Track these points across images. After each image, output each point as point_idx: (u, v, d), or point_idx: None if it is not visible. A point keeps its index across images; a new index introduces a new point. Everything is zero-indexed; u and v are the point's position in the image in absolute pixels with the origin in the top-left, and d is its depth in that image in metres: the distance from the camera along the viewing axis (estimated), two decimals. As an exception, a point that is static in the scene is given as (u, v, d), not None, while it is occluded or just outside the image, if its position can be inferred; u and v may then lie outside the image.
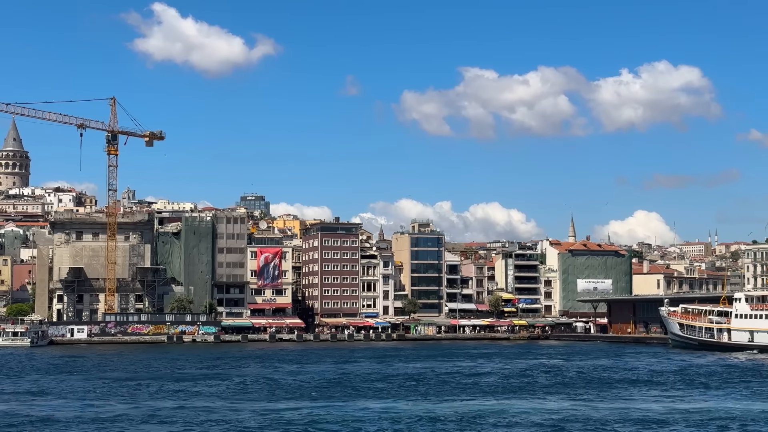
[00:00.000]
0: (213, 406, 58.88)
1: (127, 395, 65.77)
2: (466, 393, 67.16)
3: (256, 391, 69.08)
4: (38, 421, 52.42)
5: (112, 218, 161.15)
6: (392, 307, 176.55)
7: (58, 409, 57.40)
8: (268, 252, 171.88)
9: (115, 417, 53.98)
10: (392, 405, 58.98)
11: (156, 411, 56.25)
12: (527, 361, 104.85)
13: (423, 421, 51.64)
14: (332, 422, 51.53)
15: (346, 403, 59.95)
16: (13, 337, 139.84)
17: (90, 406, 59.50)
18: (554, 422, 51.22)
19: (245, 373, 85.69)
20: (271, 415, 54.14)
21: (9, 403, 60.76)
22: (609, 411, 56.11)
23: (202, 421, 52.01)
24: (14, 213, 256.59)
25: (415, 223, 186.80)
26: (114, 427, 50.30)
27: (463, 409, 56.53)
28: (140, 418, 53.49)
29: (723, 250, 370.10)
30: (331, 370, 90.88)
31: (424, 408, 57.29)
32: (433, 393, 67.18)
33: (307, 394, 65.97)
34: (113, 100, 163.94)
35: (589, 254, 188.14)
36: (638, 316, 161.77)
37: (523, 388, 71.04)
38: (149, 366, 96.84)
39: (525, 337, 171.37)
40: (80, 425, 50.87)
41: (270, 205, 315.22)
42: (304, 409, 57.02)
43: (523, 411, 55.90)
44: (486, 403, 60.30)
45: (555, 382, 76.84)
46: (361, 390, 69.49)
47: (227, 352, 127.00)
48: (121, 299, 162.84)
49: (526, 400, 62.41)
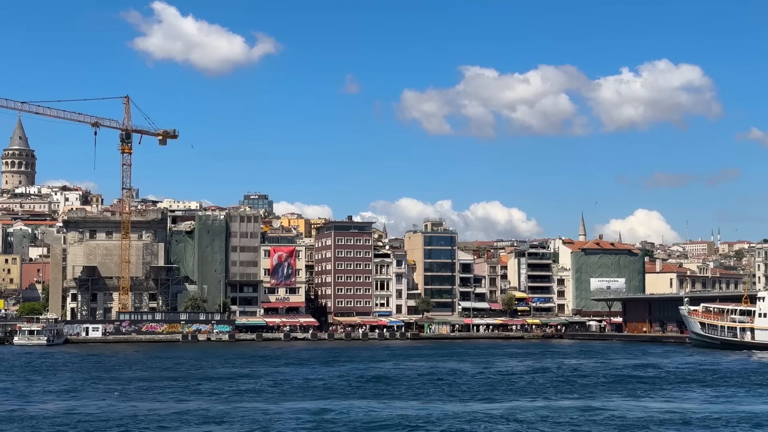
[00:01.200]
0: (295, 406, 58.46)
1: (178, 394, 65.56)
2: (537, 393, 67.03)
3: (339, 391, 68.73)
4: (104, 419, 52.31)
5: (126, 217, 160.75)
6: (405, 305, 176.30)
7: (110, 409, 57.16)
8: (281, 251, 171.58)
9: (176, 415, 53.86)
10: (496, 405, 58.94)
11: (211, 411, 56.24)
12: (563, 360, 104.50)
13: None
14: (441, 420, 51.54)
15: (445, 404, 59.80)
16: (29, 336, 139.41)
17: (141, 404, 59.47)
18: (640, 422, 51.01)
19: (297, 373, 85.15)
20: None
21: (68, 402, 60.87)
22: (689, 411, 55.67)
23: (276, 419, 51.97)
24: (21, 212, 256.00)
25: (428, 222, 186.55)
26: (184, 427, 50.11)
27: (545, 411, 56.25)
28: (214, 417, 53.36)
29: (726, 249, 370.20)
30: (374, 368, 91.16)
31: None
32: (500, 391, 66.99)
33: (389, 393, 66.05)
34: (127, 99, 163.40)
35: (602, 253, 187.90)
36: (654, 315, 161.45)
37: (585, 388, 70.49)
38: (181, 365, 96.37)
39: (539, 336, 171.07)
40: (149, 424, 50.66)
41: (273, 203, 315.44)
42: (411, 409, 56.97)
43: (597, 411, 55.55)
44: (561, 403, 59.77)
45: (610, 381, 76.39)
46: (459, 389, 69.46)
47: (247, 350, 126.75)
48: (135, 298, 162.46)
49: (592, 400, 62.07)
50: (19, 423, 51.13)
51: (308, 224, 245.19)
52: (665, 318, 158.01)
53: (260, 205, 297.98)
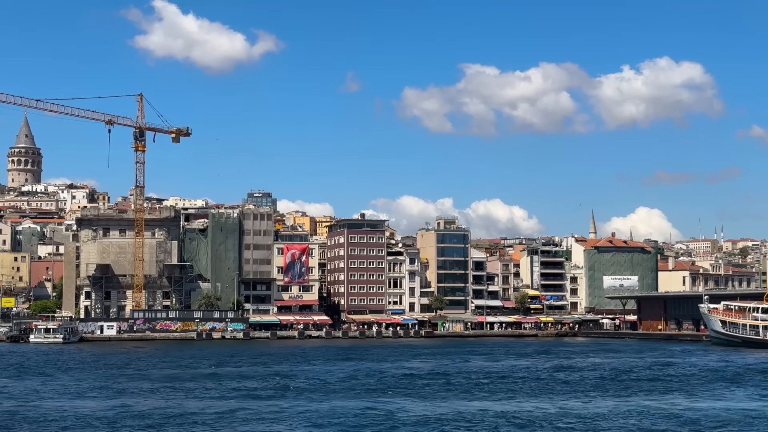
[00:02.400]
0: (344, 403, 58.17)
1: (227, 392, 65.36)
2: (581, 392, 66.68)
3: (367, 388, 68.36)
4: (167, 417, 52.24)
5: (140, 215, 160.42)
6: (418, 303, 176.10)
7: (162, 407, 56.88)
8: (294, 248, 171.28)
9: (231, 413, 53.66)
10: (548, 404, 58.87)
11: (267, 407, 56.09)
12: (597, 359, 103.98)
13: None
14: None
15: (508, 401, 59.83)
16: (45, 334, 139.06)
17: (186, 401, 59.31)
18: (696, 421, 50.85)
19: (326, 370, 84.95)
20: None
21: (118, 400, 60.68)
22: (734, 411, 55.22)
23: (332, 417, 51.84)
24: (29, 210, 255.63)
25: (441, 220, 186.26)
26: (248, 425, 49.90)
27: (595, 409, 55.98)
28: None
29: (730, 247, 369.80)
30: (404, 365, 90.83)
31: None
32: (549, 391, 66.79)
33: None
34: (140, 97, 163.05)
35: (614, 251, 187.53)
36: (669, 313, 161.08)
37: (629, 388, 69.80)
38: (209, 362, 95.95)
39: (553, 334, 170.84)
40: (208, 422, 50.47)
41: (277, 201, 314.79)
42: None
43: (647, 410, 55.25)
44: (608, 402, 59.35)
45: (651, 379, 75.98)
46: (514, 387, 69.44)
47: (267, 348, 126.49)
48: (149, 296, 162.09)
49: (637, 399, 61.76)
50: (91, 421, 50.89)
51: (313, 222, 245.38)
52: (681, 316, 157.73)
53: (264, 203, 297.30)
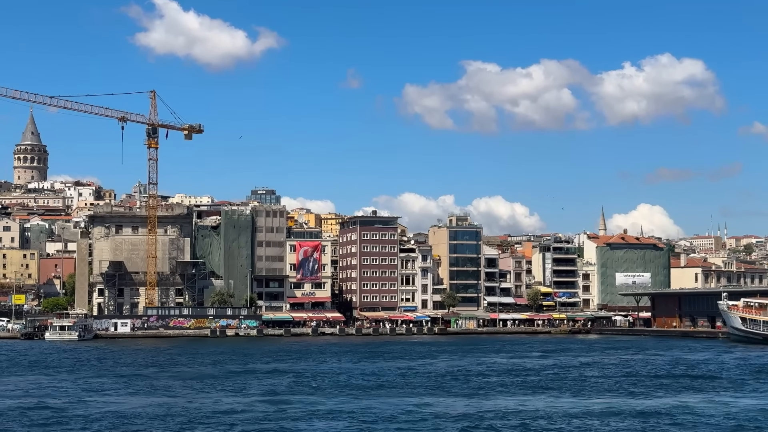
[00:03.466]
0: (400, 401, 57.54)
1: (273, 388, 64.90)
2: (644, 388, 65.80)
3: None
4: (218, 413, 51.87)
5: (153, 212, 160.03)
6: (431, 300, 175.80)
7: (227, 403, 56.45)
8: (306, 245, 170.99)
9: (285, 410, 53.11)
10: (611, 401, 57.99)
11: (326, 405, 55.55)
12: (623, 355, 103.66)
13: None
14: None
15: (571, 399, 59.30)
16: (60, 331, 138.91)
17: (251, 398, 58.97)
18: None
19: (380, 367, 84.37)
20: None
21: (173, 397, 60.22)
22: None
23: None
24: (36, 207, 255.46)
25: (453, 217, 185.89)
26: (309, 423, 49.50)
27: (656, 406, 55.17)
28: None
29: (734, 244, 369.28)
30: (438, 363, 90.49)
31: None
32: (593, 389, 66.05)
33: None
34: (153, 93, 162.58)
35: (627, 247, 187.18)
36: (684, 310, 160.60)
37: (670, 386, 68.93)
38: (237, 359, 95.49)
39: (566, 331, 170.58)
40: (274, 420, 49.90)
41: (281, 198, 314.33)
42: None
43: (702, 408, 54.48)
44: (666, 400, 58.44)
45: (697, 376, 75.31)
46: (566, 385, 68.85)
47: (284, 345, 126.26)
48: (162, 293, 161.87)
49: (687, 395, 61.23)
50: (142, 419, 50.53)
51: (318, 219, 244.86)
52: (696, 313, 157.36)
53: (268, 200, 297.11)
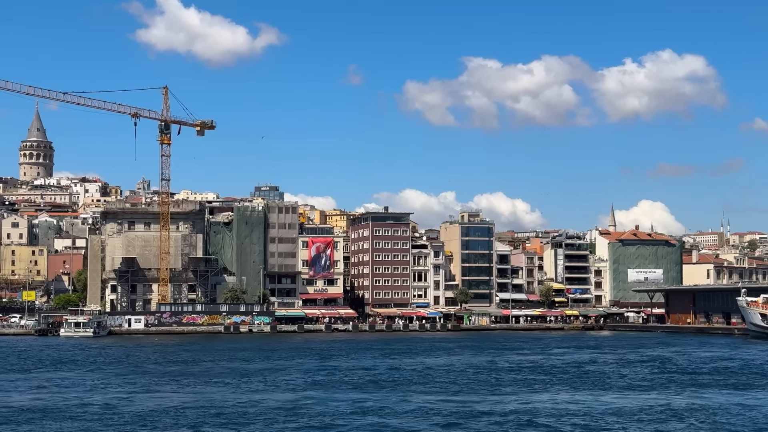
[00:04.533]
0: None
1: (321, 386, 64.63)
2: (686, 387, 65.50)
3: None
4: (275, 410, 51.63)
5: (166, 208, 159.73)
6: (443, 297, 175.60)
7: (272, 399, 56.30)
8: (319, 242, 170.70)
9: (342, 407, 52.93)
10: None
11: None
12: (654, 352, 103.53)
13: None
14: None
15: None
16: (75, 328, 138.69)
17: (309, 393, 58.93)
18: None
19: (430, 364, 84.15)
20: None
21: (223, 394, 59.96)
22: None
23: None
24: (43, 203, 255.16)
25: (465, 213, 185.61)
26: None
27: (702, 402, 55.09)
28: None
29: (737, 240, 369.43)
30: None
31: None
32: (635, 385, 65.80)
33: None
34: (165, 90, 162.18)
35: (639, 244, 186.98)
36: (698, 306, 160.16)
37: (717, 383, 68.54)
38: (267, 356, 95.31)
39: (579, 327, 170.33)
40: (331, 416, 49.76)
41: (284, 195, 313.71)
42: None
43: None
44: (718, 398, 58.06)
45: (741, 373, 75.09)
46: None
47: (304, 341, 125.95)
48: (174, 289, 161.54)
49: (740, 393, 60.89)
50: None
51: (323, 216, 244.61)
52: (711, 309, 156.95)
53: (272, 197, 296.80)
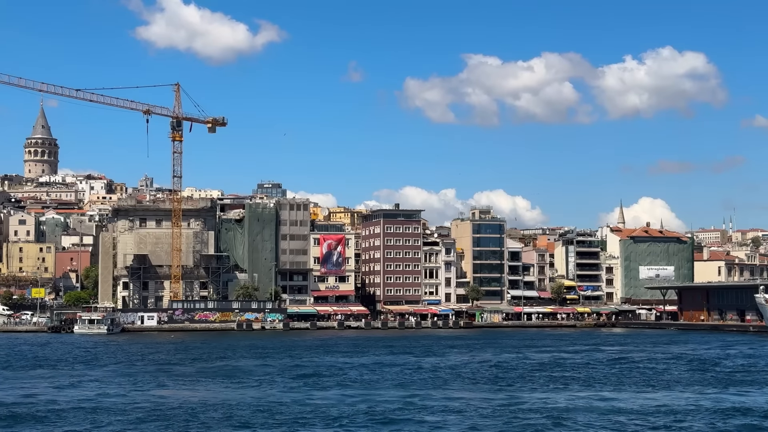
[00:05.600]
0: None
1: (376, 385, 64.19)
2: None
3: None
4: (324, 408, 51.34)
5: (178, 205, 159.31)
6: (454, 294, 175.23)
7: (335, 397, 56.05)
8: (330, 239, 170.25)
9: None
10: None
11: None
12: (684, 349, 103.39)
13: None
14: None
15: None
16: (89, 325, 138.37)
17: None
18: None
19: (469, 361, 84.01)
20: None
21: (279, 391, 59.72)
22: None
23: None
24: (49, 200, 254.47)
25: (476, 210, 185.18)
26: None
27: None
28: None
29: (739, 237, 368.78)
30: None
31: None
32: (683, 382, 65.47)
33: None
34: (177, 87, 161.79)
35: (650, 241, 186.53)
36: (712, 303, 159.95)
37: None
38: (301, 353, 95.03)
39: (591, 324, 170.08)
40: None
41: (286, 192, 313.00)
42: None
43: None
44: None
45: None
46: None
47: (321, 338, 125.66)
48: (186, 286, 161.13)
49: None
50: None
51: (327, 213, 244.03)
52: (724, 306, 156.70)
53: (275, 194, 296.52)
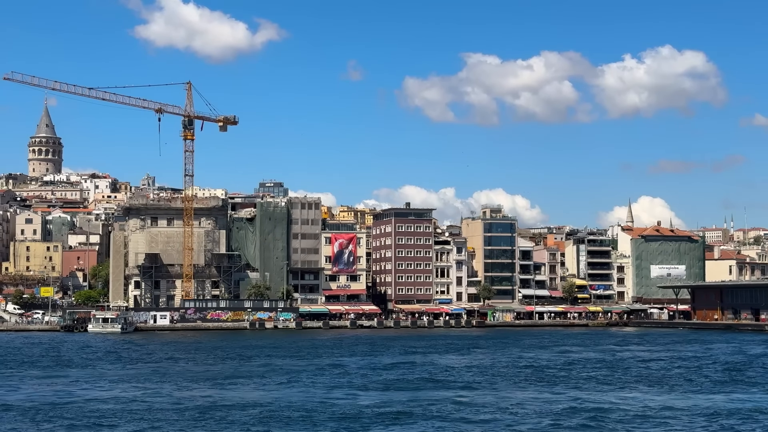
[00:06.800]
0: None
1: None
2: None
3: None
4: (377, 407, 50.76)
5: (189, 204, 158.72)
6: (465, 293, 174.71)
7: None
8: (341, 238, 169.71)
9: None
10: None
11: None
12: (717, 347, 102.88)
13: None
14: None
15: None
16: (103, 324, 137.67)
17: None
18: None
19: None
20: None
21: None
22: None
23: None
24: (54, 199, 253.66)
25: (487, 209, 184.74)
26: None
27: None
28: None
29: (741, 236, 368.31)
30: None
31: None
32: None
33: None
34: (189, 85, 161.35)
35: (662, 240, 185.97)
36: (726, 303, 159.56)
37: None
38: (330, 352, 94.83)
39: (603, 323, 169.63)
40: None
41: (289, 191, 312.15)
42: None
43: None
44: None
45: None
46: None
47: (347, 338, 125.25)
48: (198, 285, 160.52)
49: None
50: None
51: (329, 212, 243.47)
52: (738, 305, 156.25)
53: (277, 193, 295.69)
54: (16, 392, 58.79)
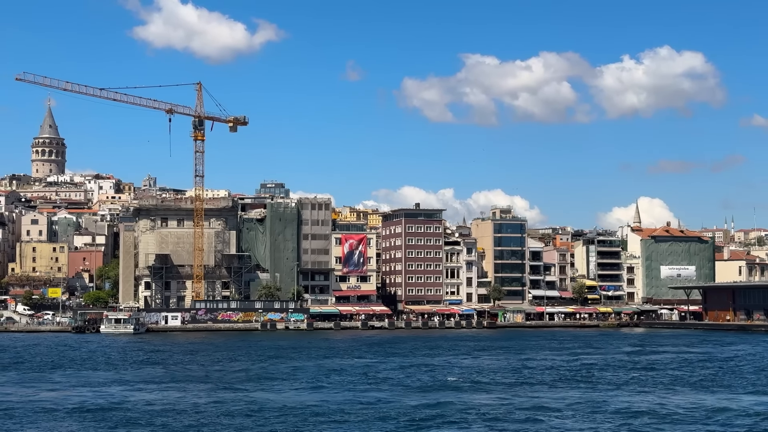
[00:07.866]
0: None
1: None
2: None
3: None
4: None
5: (200, 205, 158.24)
6: (475, 294, 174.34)
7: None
8: (352, 238, 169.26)
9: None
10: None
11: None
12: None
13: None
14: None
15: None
16: (116, 324, 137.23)
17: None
18: None
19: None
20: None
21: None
22: None
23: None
24: (59, 200, 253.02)
25: (496, 209, 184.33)
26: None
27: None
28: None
29: (742, 237, 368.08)
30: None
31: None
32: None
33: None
34: (199, 86, 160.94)
35: (672, 240, 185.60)
36: (738, 303, 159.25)
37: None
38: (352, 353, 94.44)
39: (614, 324, 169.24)
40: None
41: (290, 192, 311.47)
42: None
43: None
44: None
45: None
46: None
47: (350, 338, 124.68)
48: (208, 286, 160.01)
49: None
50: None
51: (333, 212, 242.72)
52: (751, 306, 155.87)
53: (278, 193, 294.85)
54: (110, 396, 58.04)
